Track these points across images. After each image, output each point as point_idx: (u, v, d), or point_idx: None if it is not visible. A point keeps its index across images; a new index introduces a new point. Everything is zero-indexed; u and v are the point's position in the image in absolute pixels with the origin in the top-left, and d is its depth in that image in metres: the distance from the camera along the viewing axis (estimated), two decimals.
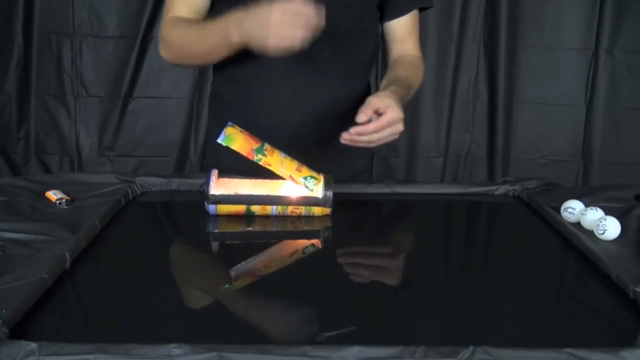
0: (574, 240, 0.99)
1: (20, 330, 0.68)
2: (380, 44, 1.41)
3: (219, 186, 1.05)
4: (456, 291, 0.89)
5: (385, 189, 1.25)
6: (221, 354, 0.60)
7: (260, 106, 1.28)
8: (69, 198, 1.08)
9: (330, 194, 1.06)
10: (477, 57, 2.49)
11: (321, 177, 1.07)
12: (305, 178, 1.06)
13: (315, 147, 1.22)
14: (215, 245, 1.07)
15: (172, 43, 1.25)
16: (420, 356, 0.61)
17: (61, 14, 2.42)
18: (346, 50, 1.29)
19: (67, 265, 0.85)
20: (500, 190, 1.27)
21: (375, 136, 1.07)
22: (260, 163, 1.04)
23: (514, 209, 1.21)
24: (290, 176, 1.05)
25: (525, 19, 2.43)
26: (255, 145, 1.05)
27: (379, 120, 1.07)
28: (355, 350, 0.62)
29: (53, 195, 1.08)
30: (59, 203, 1.07)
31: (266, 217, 1.08)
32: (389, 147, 2.54)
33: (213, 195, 1.05)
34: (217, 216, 1.07)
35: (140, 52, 2.42)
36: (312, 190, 1.06)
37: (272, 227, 1.08)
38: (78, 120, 2.51)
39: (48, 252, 0.85)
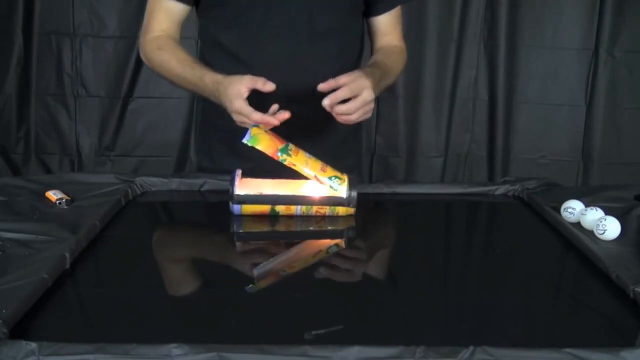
0: (574, 240, 0.99)
1: (20, 330, 0.68)
2: (365, 40, 1.42)
3: (243, 186, 1.05)
4: (456, 291, 0.89)
5: (385, 189, 1.25)
6: (221, 354, 0.60)
7: None
8: (69, 198, 1.08)
9: (354, 194, 1.07)
10: (477, 57, 2.49)
11: (345, 177, 1.08)
12: (330, 178, 1.06)
13: (304, 145, 1.23)
14: (217, 244, 1.07)
15: (154, 64, 1.32)
16: (420, 356, 0.61)
17: (61, 14, 2.42)
18: (332, 49, 1.29)
19: (67, 265, 0.85)
20: (500, 190, 1.27)
21: (354, 116, 1.12)
22: (285, 163, 1.04)
23: (514, 209, 1.21)
24: (315, 176, 1.06)
25: (525, 19, 2.43)
26: (280, 145, 1.06)
27: (353, 102, 1.11)
28: (355, 350, 0.62)
29: (53, 195, 1.08)
30: (59, 203, 1.07)
31: (290, 217, 1.09)
32: (389, 147, 2.55)
33: (238, 195, 1.05)
34: (222, 216, 1.07)
35: None
36: (336, 190, 1.06)
37: (296, 227, 1.09)
38: (78, 120, 2.51)
39: (48, 252, 0.85)
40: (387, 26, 1.38)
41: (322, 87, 1.12)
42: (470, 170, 2.59)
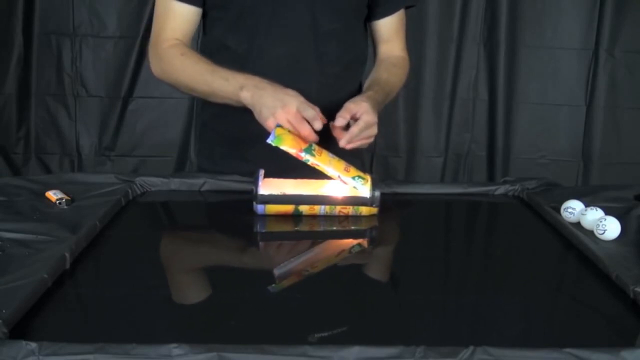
0: (574, 240, 0.99)
1: (20, 330, 0.68)
2: (369, 44, 1.41)
3: (266, 186, 1.06)
4: (456, 291, 0.89)
5: (385, 189, 1.25)
6: (221, 354, 0.60)
7: (249, 110, 1.28)
8: (69, 198, 1.08)
9: (378, 193, 1.07)
10: (477, 57, 2.49)
11: (368, 177, 1.08)
12: (354, 178, 1.07)
13: None
14: (218, 244, 1.07)
15: (173, 70, 1.27)
16: (420, 356, 0.61)
17: (61, 14, 2.42)
18: (336, 50, 1.29)
19: (67, 265, 0.85)
20: (500, 190, 1.27)
21: (353, 140, 1.12)
22: (309, 163, 1.05)
23: (514, 209, 1.21)
24: (339, 176, 1.06)
25: (525, 19, 2.44)
26: (304, 145, 1.06)
27: (355, 125, 1.11)
28: (355, 350, 0.62)
29: (53, 195, 1.08)
30: (59, 203, 1.07)
31: (313, 217, 1.09)
32: (389, 147, 2.55)
33: (262, 195, 1.05)
34: (223, 216, 1.07)
35: (140, 52, 2.42)
36: (360, 190, 1.06)
37: (319, 227, 1.09)
38: (78, 120, 2.51)
39: (48, 252, 0.85)
40: (388, 32, 1.36)
41: (339, 122, 1.11)
42: (470, 170, 2.59)
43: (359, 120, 1.12)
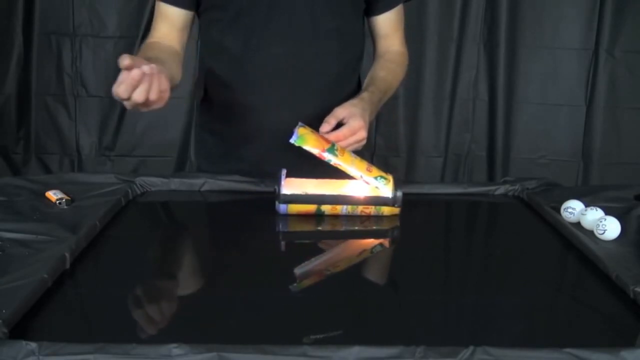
0: (574, 240, 0.99)
1: (20, 330, 0.68)
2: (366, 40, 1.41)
3: (289, 186, 1.06)
4: (456, 291, 0.89)
5: None
6: (221, 354, 0.60)
7: (249, 110, 1.28)
8: (69, 198, 1.08)
9: (400, 193, 1.07)
10: (477, 57, 2.49)
11: (390, 177, 1.08)
12: (376, 178, 1.07)
13: None
14: (217, 244, 1.07)
15: None
16: (420, 356, 0.61)
17: (61, 14, 2.42)
18: (335, 48, 1.29)
19: (67, 265, 0.85)
20: (500, 190, 1.27)
21: (340, 145, 1.11)
22: (331, 163, 1.05)
23: (514, 209, 1.21)
24: (362, 176, 1.06)
25: (525, 19, 2.44)
26: (327, 145, 1.06)
27: (339, 130, 1.11)
28: (355, 350, 0.62)
29: (53, 195, 1.08)
30: (59, 203, 1.07)
31: (335, 217, 1.09)
32: (389, 147, 2.55)
33: (284, 195, 1.05)
34: (222, 216, 1.07)
35: None
36: (382, 190, 1.07)
37: (341, 227, 1.09)
38: (78, 120, 2.52)
39: (48, 252, 0.85)
40: (387, 27, 1.37)
41: (324, 128, 1.11)
42: (470, 170, 2.59)
43: (344, 125, 1.12)
